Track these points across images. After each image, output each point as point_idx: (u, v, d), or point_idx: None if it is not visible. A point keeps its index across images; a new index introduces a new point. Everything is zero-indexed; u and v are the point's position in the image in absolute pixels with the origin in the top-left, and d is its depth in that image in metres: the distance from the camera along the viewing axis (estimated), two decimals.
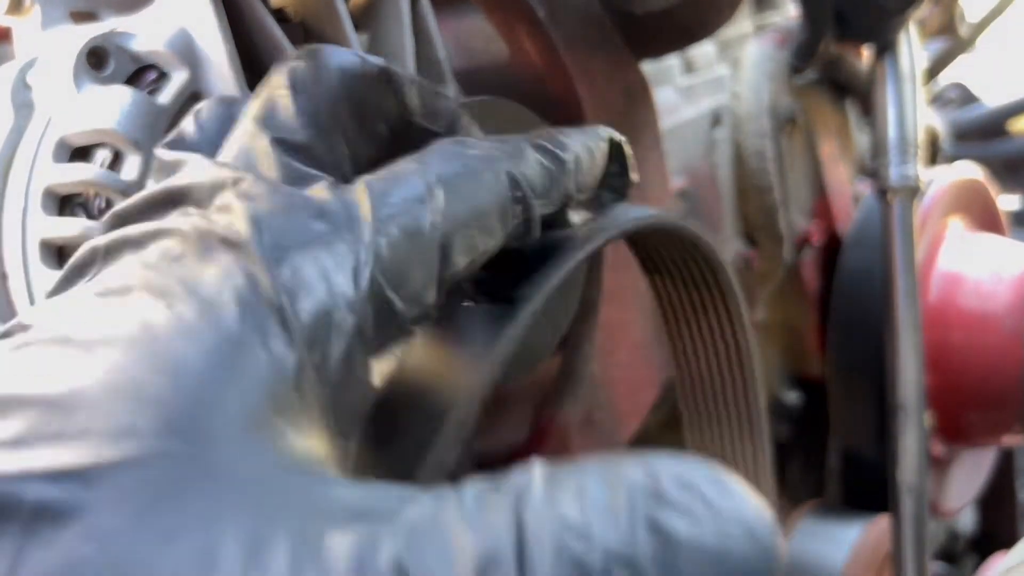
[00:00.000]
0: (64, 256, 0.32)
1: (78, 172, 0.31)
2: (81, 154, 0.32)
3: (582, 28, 0.45)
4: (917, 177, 0.65)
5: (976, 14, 0.93)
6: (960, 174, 0.82)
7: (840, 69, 0.78)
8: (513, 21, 0.44)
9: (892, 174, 0.65)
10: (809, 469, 0.79)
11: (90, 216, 0.31)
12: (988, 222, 0.84)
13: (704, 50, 0.68)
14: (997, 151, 1.17)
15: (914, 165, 0.65)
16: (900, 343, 0.64)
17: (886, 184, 0.65)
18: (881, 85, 0.68)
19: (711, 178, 0.65)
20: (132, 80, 0.33)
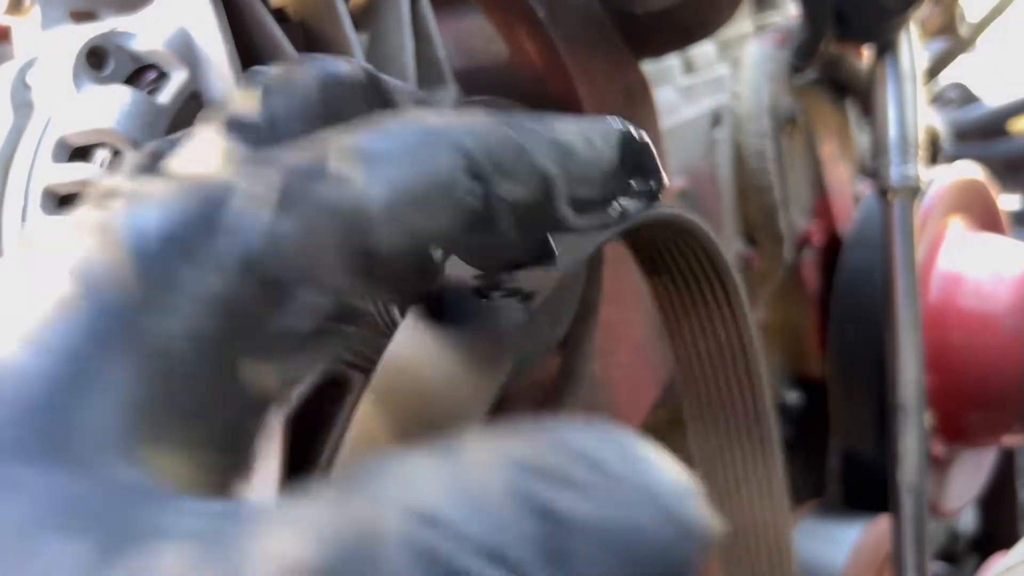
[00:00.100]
0: None
1: (78, 172, 0.31)
2: (81, 154, 0.32)
3: (582, 28, 0.45)
4: (917, 177, 0.65)
5: (976, 14, 0.93)
6: (960, 174, 0.82)
7: (840, 69, 0.78)
8: (513, 21, 0.44)
9: (892, 174, 0.65)
10: (809, 469, 0.79)
11: None
12: (988, 222, 0.84)
13: (704, 50, 0.68)
14: (997, 151, 1.17)
15: (914, 165, 0.65)
16: (900, 343, 0.64)
17: (886, 184, 0.65)
18: (881, 85, 0.68)
19: (711, 178, 0.65)
20: (132, 80, 0.33)
